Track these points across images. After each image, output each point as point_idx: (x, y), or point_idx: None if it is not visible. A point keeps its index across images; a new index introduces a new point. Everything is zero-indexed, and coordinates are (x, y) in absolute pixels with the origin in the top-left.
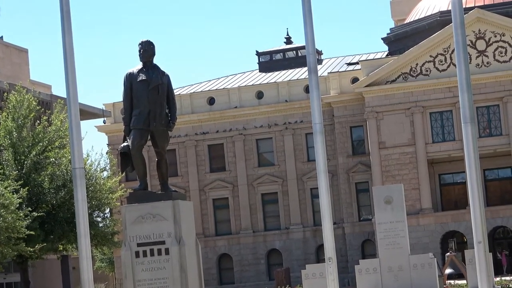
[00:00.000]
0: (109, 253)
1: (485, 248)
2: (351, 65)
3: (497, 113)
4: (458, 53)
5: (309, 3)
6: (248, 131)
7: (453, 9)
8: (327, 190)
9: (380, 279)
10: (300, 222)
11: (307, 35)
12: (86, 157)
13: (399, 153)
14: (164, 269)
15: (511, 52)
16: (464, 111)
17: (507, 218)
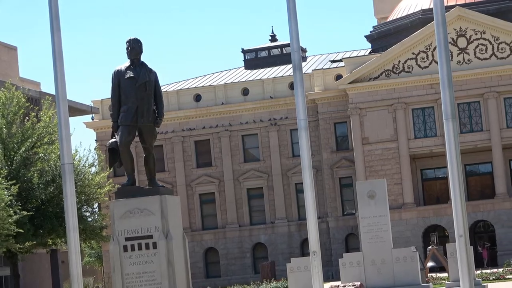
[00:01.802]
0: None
1: (466, 242)
2: (335, 63)
3: (478, 110)
4: (439, 51)
5: (293, 1)
6: (234, 127)
7: (434, 7)
8: (312, 185)
9: (363, 272)
10: (285, 217)
11: (292, 33)
12: (75, 153)
13: (382, 148)
14: (152, 263)
15: (491, 49)
16: (446, 107)
17: (487, 212)
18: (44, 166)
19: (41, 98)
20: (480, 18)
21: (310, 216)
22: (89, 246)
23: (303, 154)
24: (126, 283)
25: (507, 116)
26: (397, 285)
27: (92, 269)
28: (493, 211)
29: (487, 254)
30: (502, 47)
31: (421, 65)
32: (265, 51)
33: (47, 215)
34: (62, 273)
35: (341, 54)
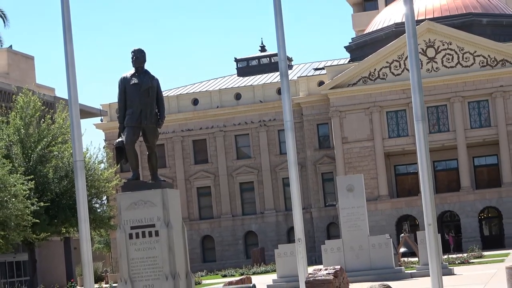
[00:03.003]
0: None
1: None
2: (318, 70)
3: (445, 112)
4: (411, 60)
5: (281, 16)
6: (228, 128)
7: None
8: (297, 180)
9: (343, 257)
10: (273, 208)
11: (279, 44)
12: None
13: (360, 147)
14: (154, 249)
15: (457, 58)
16: (416, 110)
17: (453, 204)
18: (58, 163)
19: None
20: (447, 31)
21: (295, 207)
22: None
23: (289, 152)
24: (132, 267)
25: (471, 118)
26: (373, 269)
27: (101, 255)
28: (458, 202)
29: (453, 241)
30: (467, 56)
31: (394, 73)
32: (255, 60)
33: (61, 206)
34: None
35: (323, 62)
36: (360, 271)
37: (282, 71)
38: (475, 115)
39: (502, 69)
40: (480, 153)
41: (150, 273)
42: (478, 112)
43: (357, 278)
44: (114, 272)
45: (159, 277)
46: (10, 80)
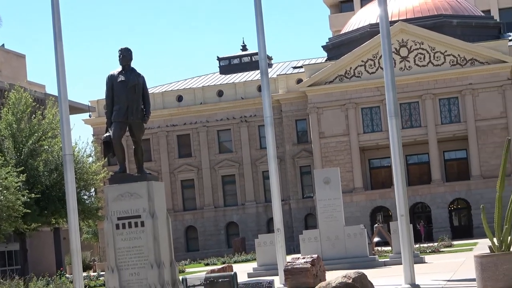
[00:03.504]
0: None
1: (407, 220)
2: (296, 69)
3: (417, 109)
4: (384, 59)
5: (261, 17)
6: (211, 123)
7: (381, 22)
8: (276, 173)
9: (320, 246)
10: (254, 199)
11: (260, 43)
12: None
13: (336, 141)
14: (140, 239)
15: (428, 58)
16: (390, 106)
17: (424, 196)
18: (48, 157)
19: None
20: (419, 31)
21: (274, 199)
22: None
23: (269, 146)
24: (118, 256)
25: (441, 114)
26: (348, 257)
27: (89, 245)
28: (429, 194)
29: (424, 231)
30: (438, 55)
31: (369, 71)
32: (237, 59)
33: (51, 198)
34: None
35: (301, 61)
36: (336, 260)
37: (262, 69)
38: (446, 112)
39: (471, 68)
40: (450, 148)
41: (136, 262)
42: (448, 109)
43: (333, 266)
44: (101, 261)
45: (145, 266)
46: (2, 77)
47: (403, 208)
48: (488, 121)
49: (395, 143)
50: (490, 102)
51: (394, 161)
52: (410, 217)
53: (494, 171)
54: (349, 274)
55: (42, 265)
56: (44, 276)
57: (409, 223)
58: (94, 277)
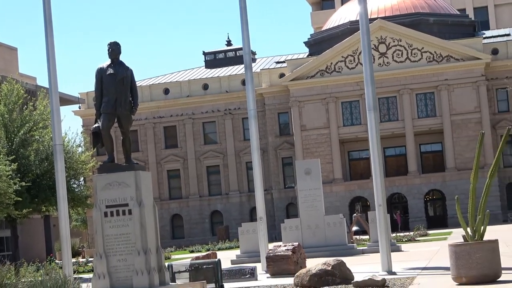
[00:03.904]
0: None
1: (384, 210)
2: (279, 63)
3: (395, 103)
4: (364, 55)
5: (246, 13)
6: (196, 115)
7: (360, 20)
8: (259, 164)
9: (301, 234)
10: (238, 189)
11: (244, 38)
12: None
13: (317, 134)
14: (128, 226)
15: (406, 54)
16: (369, 101)
17: (401, 187)
18: (39, 146)
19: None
20: (397, 29)
21: (257, 189)
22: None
23: (252, 138)
24: (106, 243)
25: (418, 108)
26: (328, 245)
27: (78, 232)
28: (406, 185)
29: (400, 220)
30: (415, 52)
31: (349, 66)
32: (222, 53)
33: (41, 186)
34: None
35: (284, 56)
36: (316, 248)
37: (246, 64)
38: (422, 106)
39: (447, 64)
40: (426, 141)
41: (124, 248)
42: (425, 103)
43: (313, 254)
44: (90, 248)
45: (132, 252)
46: None
47: (381, 198)
48: (463, 115)
49: (374, 136)
50: (465, 97)
51: (373, 153)
52: (387, 207)
53: (468, 163)
54: (329, 261)
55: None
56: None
57: (386, 213)
58: (83, 263)
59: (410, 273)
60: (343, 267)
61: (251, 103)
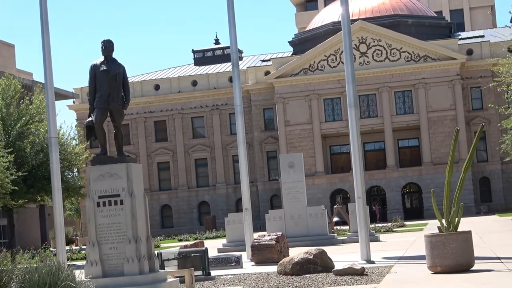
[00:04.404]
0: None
1: (363, 202)
2: (265, 62)
3: (374, 100)
4: (345, 54)
5: (233, 13)
6: (185, 111)
7: (342, 21)
8: (245, 157)
9: (284, 224)
10: (224, 181)
11: (231, 38)
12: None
13: (300, 129)
14: (119, 216)
15: (385, 54)
16: (349, 98)
17: (380, 180)
18: (35, 139)
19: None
20: (377, 30)
21: (243, 181)
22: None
23: (238, 133)
24: (99, 231)
25: (396, 106)
26: (310, 235)
27: (72, 220)
28: (384, 179)
29: (379, 212)
30: (394, 52)
31: (331, 65)
32: (210, 51)
33: (37, 177)
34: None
35: (269, 55)
36: (299, 237)
37: (233, 62)
38: (400, 103)
39: (424, 64)
40: (404, 136)
41: (115, 237)
42: (403, 101)
43: (296, 243)
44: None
45: (123, 241)
46: None
47: (360, 190)
48: (439, 112)
49: (354, 131)
50: (441, 95)
51: (353, 148)
52: (366, 199)
53: (444, 158)
54: (311, 250)
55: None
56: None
57: (366, 204)
58: (76, 250)
59: (388, 262)
60: (324, 256)
61: (238, 99)
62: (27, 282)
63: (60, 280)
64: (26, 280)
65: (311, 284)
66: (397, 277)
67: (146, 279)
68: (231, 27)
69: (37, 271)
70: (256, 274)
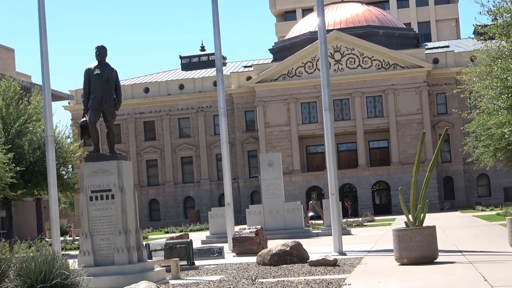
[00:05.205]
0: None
1: (337, 198)
2: (247, 68)
3: (347, 104)
4: (321, 61)
5: (218, 23)
6: (173, 112)
7: (319, 30)
8: (228, 156)
9: (263, 219)
10: (208, 178)
11: (216, 45)
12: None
13: (279, 130)
14: (110, 209)
15: (358, 62)
16: (325, 102)
17: (352, 178)
18: (33, 137)
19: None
20: (351, 39)
21: (226, 178)
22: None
23: (222, 133)
24: (91, 223)
25: (367, 109)
26: (287, 229)
27: (66, 213)
28: (356, 177)
29: (351, 208)
30: (366, 60)
31: (308, 71)
32: (196, 58)
33: (34, 173)
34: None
35: (251, 61)
36: (277, 230)
37: (218, 67)
38: (371, 108)
39: (394, 71)
40: (374, 138)
41: (107, 229)
42: (374, 105)
43: (274, 236)
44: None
45: (114, 232)
46: None
47: (334, 188)
48: (407, 116)
49: (329, 133)
50: (409, 101)
51: (327, 148)
52: (339, 196)
53: (411, 158)
54: (287, 242)
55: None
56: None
57: (339, 200)
58: (70, 241)
59: (358, 254)
60: (300, 248)
61: (222, 102)
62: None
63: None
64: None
65: (287, 273)
66: (367, 268)
67: (135, 268)
68: (216, 36)
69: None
70: (237, 264)
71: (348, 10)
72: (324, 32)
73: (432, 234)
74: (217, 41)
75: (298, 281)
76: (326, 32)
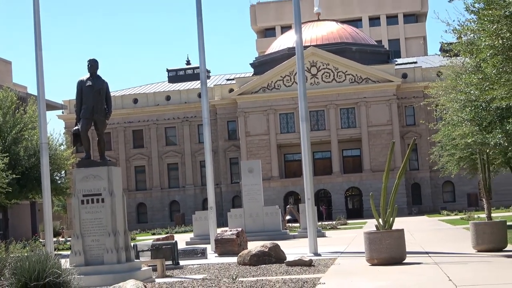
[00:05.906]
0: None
1: (312, 203)
2: (229, 81)
3: (323, 115)
4: (298, 75)
5: (202, 39)
6: (160, 121)
7: (296, 47)
8: (211, 162)
9: (244, 221)
10: (193, 183)
11: (201, 59)
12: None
13: (259, 139)
14: (101, 212)
15: (333, 76)
16: (302, 113)
17: (327, 184)
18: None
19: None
20: (326, 55)
21: (209, 183)
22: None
23: (205, 141)
24: (83, 225)
25: (341, 120)
26: (266, 231)
27: (59, 216)
28: (330, 183)
29: (325, 212)
30: (340, 74)
31: (286, 84)
32: (182, 71)
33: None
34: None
35: (233, 75)
36: (256, 233)
37: (202, 80)
38: (345, 119)
39: (366, 85)
40: (348, 147)
41: (97, 231)
42: (347, 116)
43: (253, 238)
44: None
45: (104, 234)
46: None
47: (310, 193)
48: (378, 127)
49: (305, 142)
50: (379, 112)
51: (304, 156)
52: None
53: (381, 166)
54: (266, 244)
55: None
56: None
57: (314, 205)
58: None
59: (332, 255)
60: (277, 249)
61: (206, 112)
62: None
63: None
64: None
65: (266, 273)
66: (340, 268)
67: (123, 267)
68: (201, 50)
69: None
70: (219, 264)
71: (323, 28)
72: (301, 48)
73: (400, 236)
74: (201, 55)
75: (276, 280)
76: (303, 48)
